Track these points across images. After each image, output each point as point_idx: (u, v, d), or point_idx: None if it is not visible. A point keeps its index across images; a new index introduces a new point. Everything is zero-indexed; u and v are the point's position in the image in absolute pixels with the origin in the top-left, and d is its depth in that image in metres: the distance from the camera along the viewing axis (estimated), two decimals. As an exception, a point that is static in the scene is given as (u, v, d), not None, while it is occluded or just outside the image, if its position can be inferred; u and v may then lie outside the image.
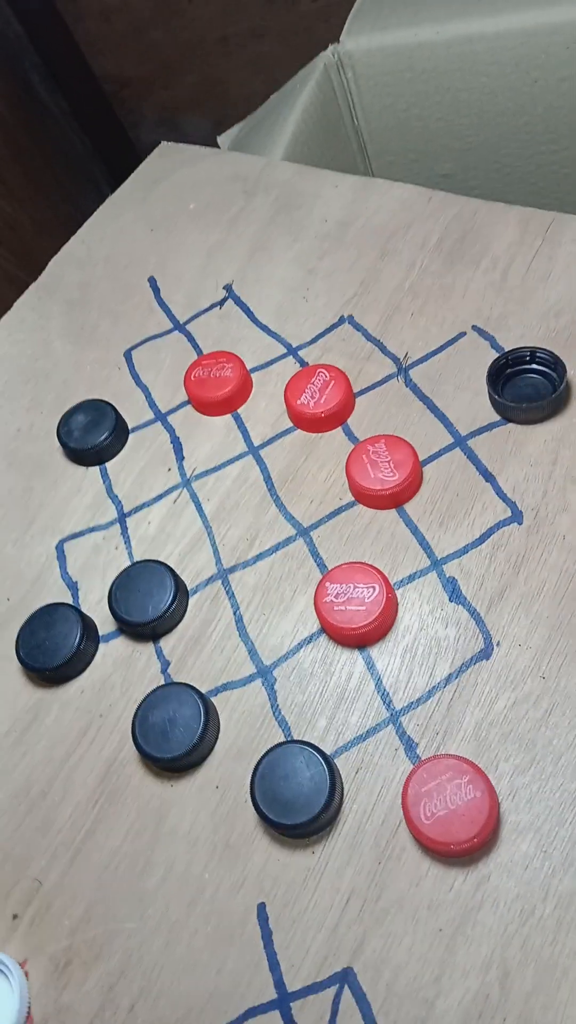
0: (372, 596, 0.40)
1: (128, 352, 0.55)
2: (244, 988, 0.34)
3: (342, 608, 0.40)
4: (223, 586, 0.44)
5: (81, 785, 0.40)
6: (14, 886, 0.38)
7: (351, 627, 0.39)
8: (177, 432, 0.51)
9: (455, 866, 0.34)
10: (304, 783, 0.36)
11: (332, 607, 0.40)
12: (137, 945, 0.36)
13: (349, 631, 0.39)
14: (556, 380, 0.44)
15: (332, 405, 0.47)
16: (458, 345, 0.49)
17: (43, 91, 1.30)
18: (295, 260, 0.56)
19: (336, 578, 0.41)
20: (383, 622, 0.40)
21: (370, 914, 0.34)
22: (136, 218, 0.63)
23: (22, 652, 0.42)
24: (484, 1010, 0.32)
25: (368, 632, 0.39)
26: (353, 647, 0.40)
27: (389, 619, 0.40)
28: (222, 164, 0.64)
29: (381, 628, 0.40)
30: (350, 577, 0.40)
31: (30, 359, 0.57)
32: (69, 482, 0.50)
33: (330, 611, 0.40)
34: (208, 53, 1.23)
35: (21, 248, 1.22)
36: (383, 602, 0.39)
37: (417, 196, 0.57)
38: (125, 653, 0.43)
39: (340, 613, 0.40)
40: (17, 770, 0.41)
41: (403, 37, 0.74)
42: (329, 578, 0.41)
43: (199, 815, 0.38)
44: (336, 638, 0.41)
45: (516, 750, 0.36)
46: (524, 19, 0.71)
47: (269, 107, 0.81)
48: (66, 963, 0.36)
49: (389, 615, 0.40)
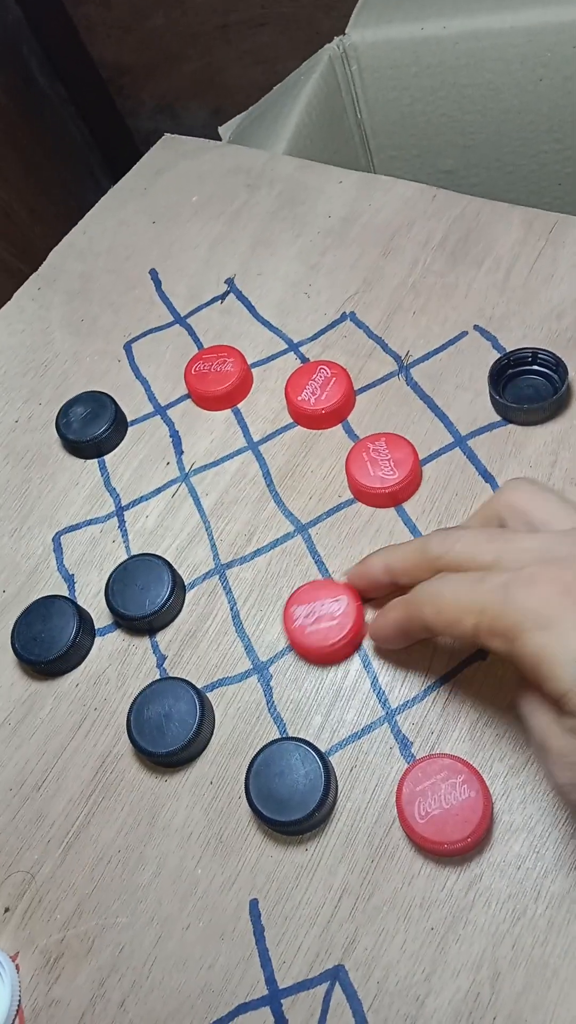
0: (341, 609, 0.39)
1: (128, 344, 0.55)
2: (235, 984, 0.34)
3: (314, 628, 0.39)
4: (220, 581, 0.44)
5: (75, 779, 0.40)
6: (6, 879, 0.38)
7: (326, 645, 0.39)
8: (176, 426, 0.50)
9: (448, 865, 0.35)
10: (299, 780, 0.36)
11: (303, 630, 0.39)
12: (129, 939, 0.36)
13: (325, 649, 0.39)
14: (557, 382, 0.44)
15: (333, 402, 0.47)
16: (460, 344, 0.49)
17: (41, 78, 1.29)
18: (298, 255, 0.56)
19: (301, 599, 0.40)
20: (357, 634, 0.39)
21: (362, 912, 0.34)
22: (138, 210, 0.62)
23: (17, 644, 0.42)
24: (474, 1009, 0.32)
25: (341, 648, 0.39)
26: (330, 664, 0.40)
27: (363, 629, 0.40)
28: (225, 157, 0.64)
29: (356, 641, 0.40)
30: (314, 596, 0.40)
31: (29, 350, 0.56)
32: (67, 474, 0.50)
33: (302, 634, 0.39)
34: (208, 42, 1.22)
35: (16, 236, 1.21)
36: (354, 613, 0.39)
37: (421, 194, 0.57)
38: (121, 647, 0.43)
39: (312, 634, 0.39)
40: (11, 763, 0.41)
41: (409, 31, 0.74)
42: (294, 600, 0.40)
43: (193, 810, 0.38)
44: (312, 659, 0.40)
45: (511, 750, 0.36)
46: (531, 16, 0.70)
47: (272, 98, 0.80)
48: (57, 957, 0.36)
49: (361, 625, 0.40)
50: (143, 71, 1.31)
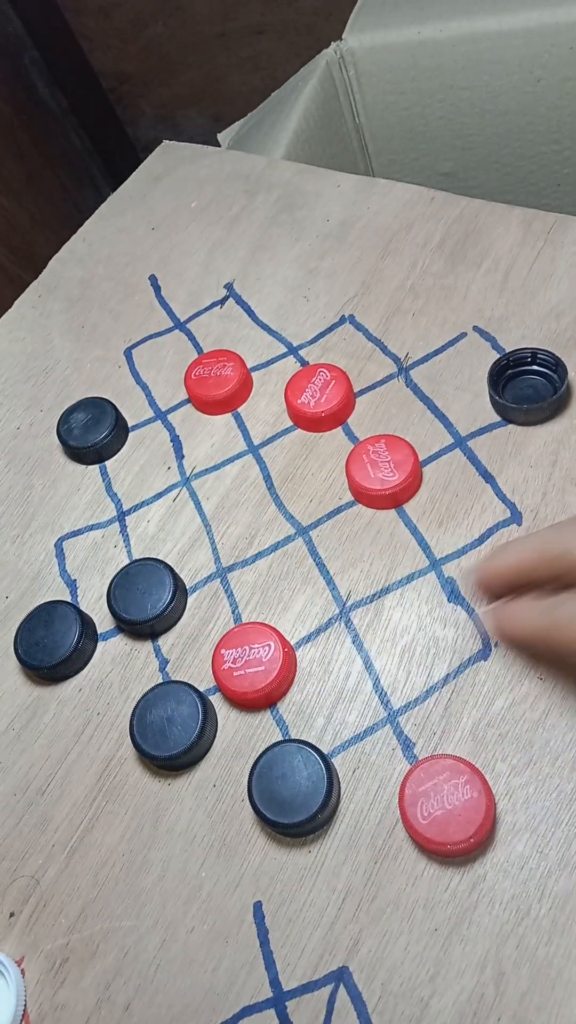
0: (269, 654, 0.39)
1: (128, 350, 0.55)
2: (240, 986, 0.34)
3: (241, 672, 0.39)
4: (222, 585, 0.44)
5: (79, 783, 0.40)
6: (11, 884, 0.38)
7: (253, 690, 0.39)
8: (177, 430, 0.51)
9: (451, 866, 0.34)
10: (301, 782, 0.36)
11: (231, 673, 0.39)
12: (133, 943, 0.36)
13: (252, 694, 0.39)
14: (557, 382, 0.44)
15: (332, 405, 0.47)
16: (459, 346, 0.49)
17: (42, 87, 1.30)
18: (296, 259, 0.56)
19: (230, 643, 0.40)
20: (284, 679, 0.39)
21: (366, 913, 0.34)
22: (137, 216, 0.63)
23: (20, 650, 0.42)
24: (479, 1009, 0.32)
25: (272, 691, 0.39)
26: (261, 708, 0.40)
27: (291, 675, 0.40)
28: (224, 163, 0.64)
29: (283, 687, 0.40)
30: (243, 640, 0.40)
31: (30, 357, 0.57)
32: (69, 480, 0.50)
33: (229, 678, 0.39)
34: (207, 50, 1.23)
35: (18, 243, 1.22)
36: (280, 659, 0.39)
37: (419, 196, 0.57)
38: (124, 651, 0.43)
39: (240, 678, 0.39)
40: (15, 767, 0.41)
41: (406, 35, 0.74)
42: (223, 644, 0.40)
43: (196, 813, 0.38)
44: (240, 703, 0.40)
45: (513, 751, 0.36)
46: (528, 18, 0.71)
47: (270, 104, 0.80)
48: (62, 961, 0.36)
49: (290, 671, 0.40)
50: (143, 80, 1.32)
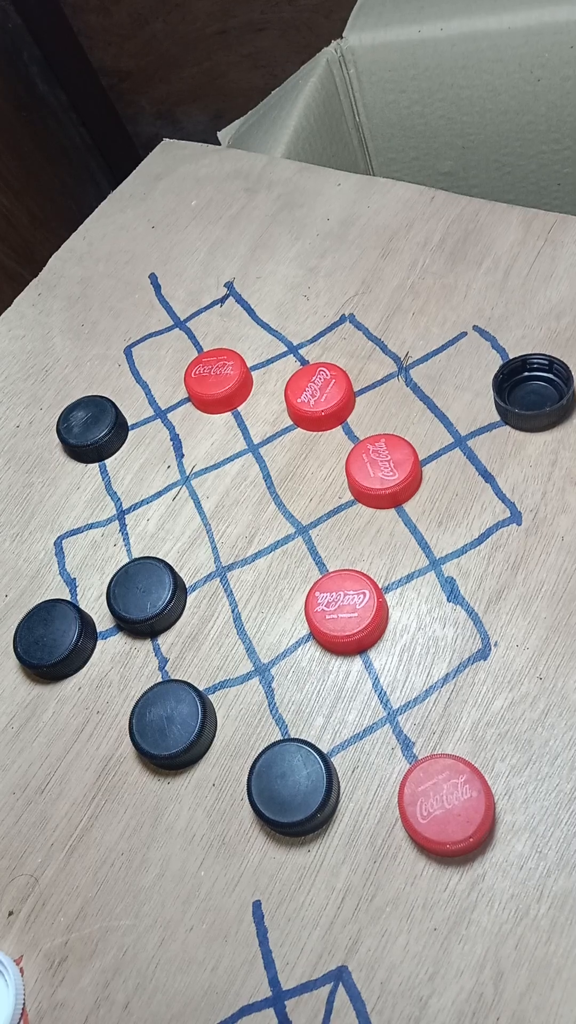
0: (363, 602, 0.40)
1: (128, 349, 0.55)
2: (239, 986, 0.34)
3: (334, 616, 0.40)
4: (221, 584, 0.44)
5: (78, 782, 0.40)
6: (9, 883, 0.38)
7: (344, 635, 0.39)
8: (177, 429, 0.51)
9: (450, 865, 0.35)
10: (301, 781, 0.36)
11: (324, 616, 0.40)
12: (132, 942, 0.36)
13: (343, 639, 0.39)
14: (563, 388, 0.44)
15: (332, 404, 0.47)
16: (459, 345, 0.49)
17: (42, 84, 1.29)
18: (296, 258, 0.56)
19: (325, 587, 0.41)
20: (376, 627, 0.40)
21: (365, 913, 0.34)
22: (137, 215, 0.63)
23: (20, 648, 0.42)
24: (478, 1009, 0.32)
25: (362, 639, 0.39)
26: (349, 655, 0.40)
27: (383, 624, 0.40)
28: (224, 161, 0.64)
29: (375, 634, 0.40)
30: (339, 585, 0.40)
31: (30, 355, 0.57)
32: (68, 478, 0.50)
33: (322, 620, 0.40)
34: (207, 47, 1.22)
35: (17, 241, 1.21)
36: (375, 607, 0.39)
37: (419, 195, 0.57)
38: (123, 650, 0.43)
39: (332, 621, 0.40)
40: (14, 766, 0.41)
41: (407, 33, 0.74)
42: (318, 587, 0.41)
43: (195, 812, 0.38)
44: (329, 647, 0.41)
45: (513, 750, 0.36)
46: (529, 17, 0.71)
47: (270, 102, 0.80)
48: (61, 960, 0.36)
49: (381, 620, 0.40)
50: (143, 77, 1.32)
